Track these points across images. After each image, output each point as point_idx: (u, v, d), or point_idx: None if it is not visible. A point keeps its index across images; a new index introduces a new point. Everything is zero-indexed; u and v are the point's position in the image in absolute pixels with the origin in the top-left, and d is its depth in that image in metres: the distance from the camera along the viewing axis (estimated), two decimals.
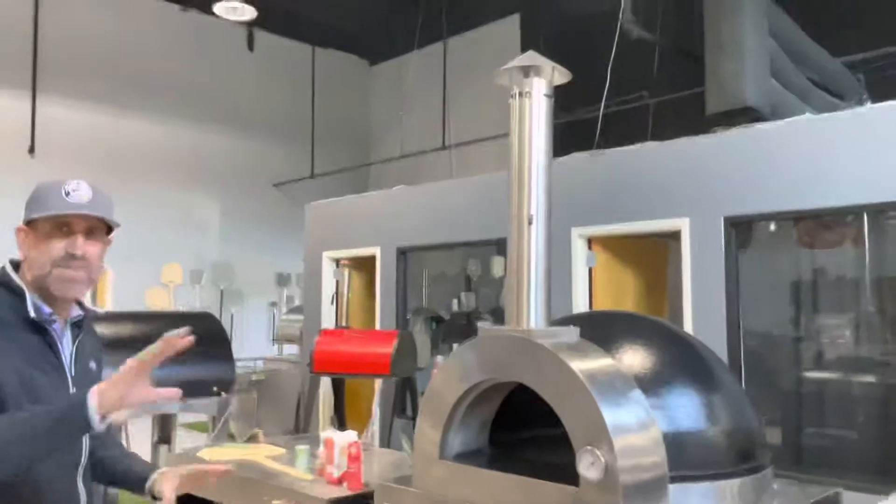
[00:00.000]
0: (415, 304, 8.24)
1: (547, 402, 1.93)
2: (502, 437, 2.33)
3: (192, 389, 4.20)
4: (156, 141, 12.00)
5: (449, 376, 2.17)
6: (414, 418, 5.77)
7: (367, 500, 2.54)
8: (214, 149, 12.68)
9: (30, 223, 1.69)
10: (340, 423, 6.75)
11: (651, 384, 1.99)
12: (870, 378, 4.82)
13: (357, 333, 6.90)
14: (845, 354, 5.02)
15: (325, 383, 7.22)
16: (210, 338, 4.35)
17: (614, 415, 1.84)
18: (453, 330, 8.04)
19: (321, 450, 2.85)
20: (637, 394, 1.94)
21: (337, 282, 8.30)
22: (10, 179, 10.13)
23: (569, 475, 1.88)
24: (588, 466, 1.81)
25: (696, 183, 5.10)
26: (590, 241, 5.73)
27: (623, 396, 1.92)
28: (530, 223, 2.03)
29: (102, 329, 4.31)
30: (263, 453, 3.24)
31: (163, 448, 4.58)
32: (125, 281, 10.84)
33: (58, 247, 1.65)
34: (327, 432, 2.86)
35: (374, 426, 6.37)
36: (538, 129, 2.02)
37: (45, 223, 1.66)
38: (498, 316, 7.57)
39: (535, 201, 2.05)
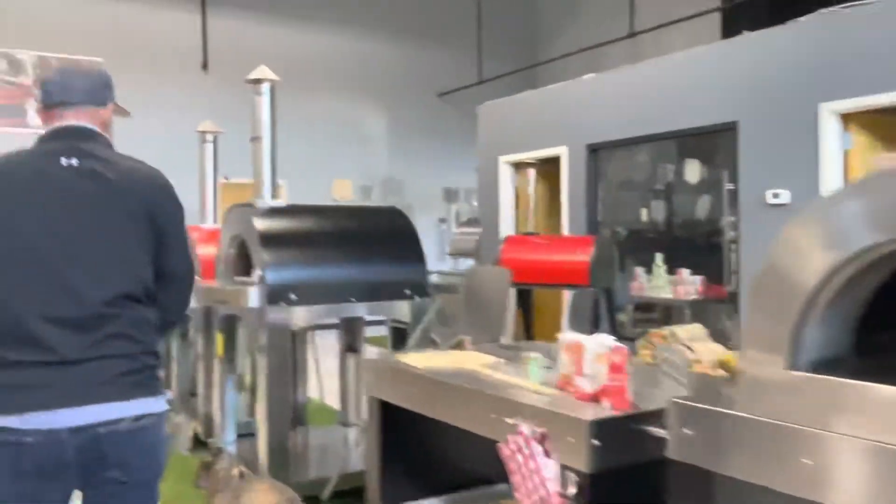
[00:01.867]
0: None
1: None
2: (860, 341, 1.54)
3: (382, 292, 3.71)
4: (323, 52, 11.69)
5: (805, 243, 1.39)
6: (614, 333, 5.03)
7: (639, 422, 1.87)
8: (379, 59, 12.20)
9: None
10: (528, 338, 6.17)
11: None
12: None
13: (546, 240, 6.20)
14: None
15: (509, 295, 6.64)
16: (399, 234, 3.81)
17: None
18: (642, 243, 7.22)
19: (560, 359, 2.20)
20: None
21: (516, 187, 7.61)
22: (186, 95, 10.23)
23: None
24: None
25: None
26: (844, 119, 4.60)
27: None
28: None
29: (289, 223, 3.93)
30: (477, 362, 2.66)
31: (351, 356, 4.19)
32: (297, 196, 10.79)
33: None
34: (569, 334, 2.19)
35: None
36: None
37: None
38: (691, 227, 6.59)
39: None
